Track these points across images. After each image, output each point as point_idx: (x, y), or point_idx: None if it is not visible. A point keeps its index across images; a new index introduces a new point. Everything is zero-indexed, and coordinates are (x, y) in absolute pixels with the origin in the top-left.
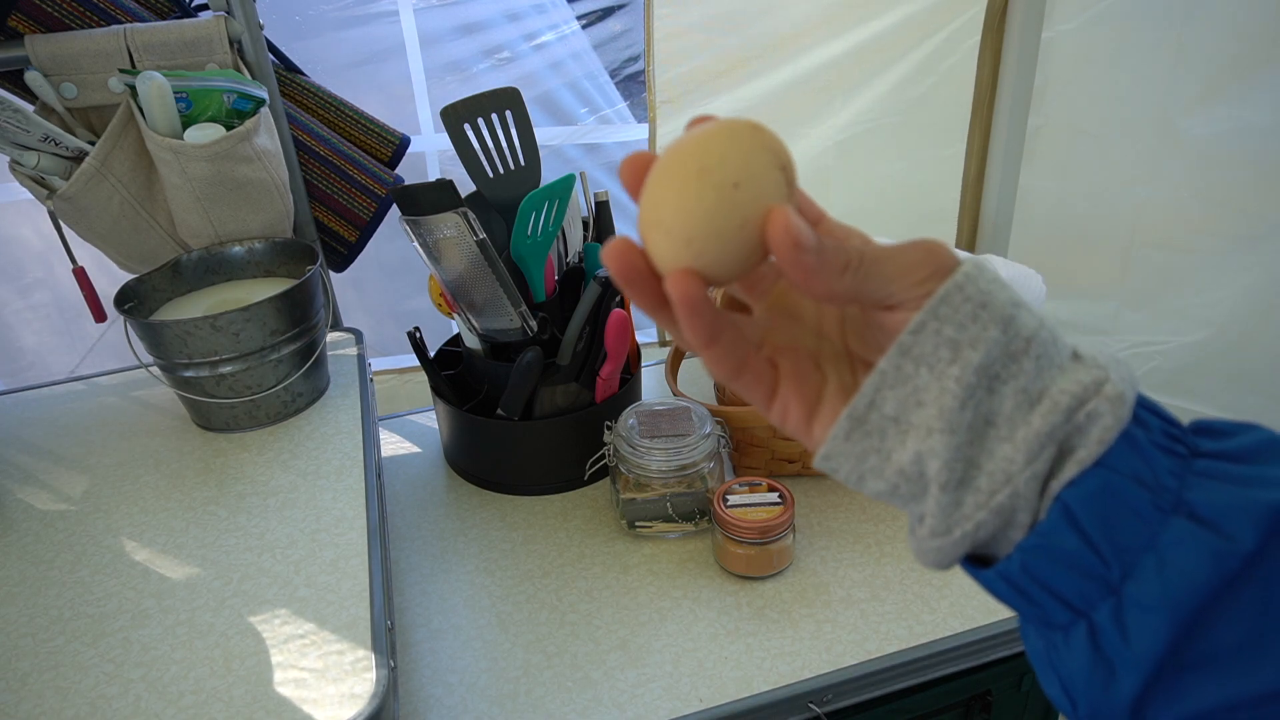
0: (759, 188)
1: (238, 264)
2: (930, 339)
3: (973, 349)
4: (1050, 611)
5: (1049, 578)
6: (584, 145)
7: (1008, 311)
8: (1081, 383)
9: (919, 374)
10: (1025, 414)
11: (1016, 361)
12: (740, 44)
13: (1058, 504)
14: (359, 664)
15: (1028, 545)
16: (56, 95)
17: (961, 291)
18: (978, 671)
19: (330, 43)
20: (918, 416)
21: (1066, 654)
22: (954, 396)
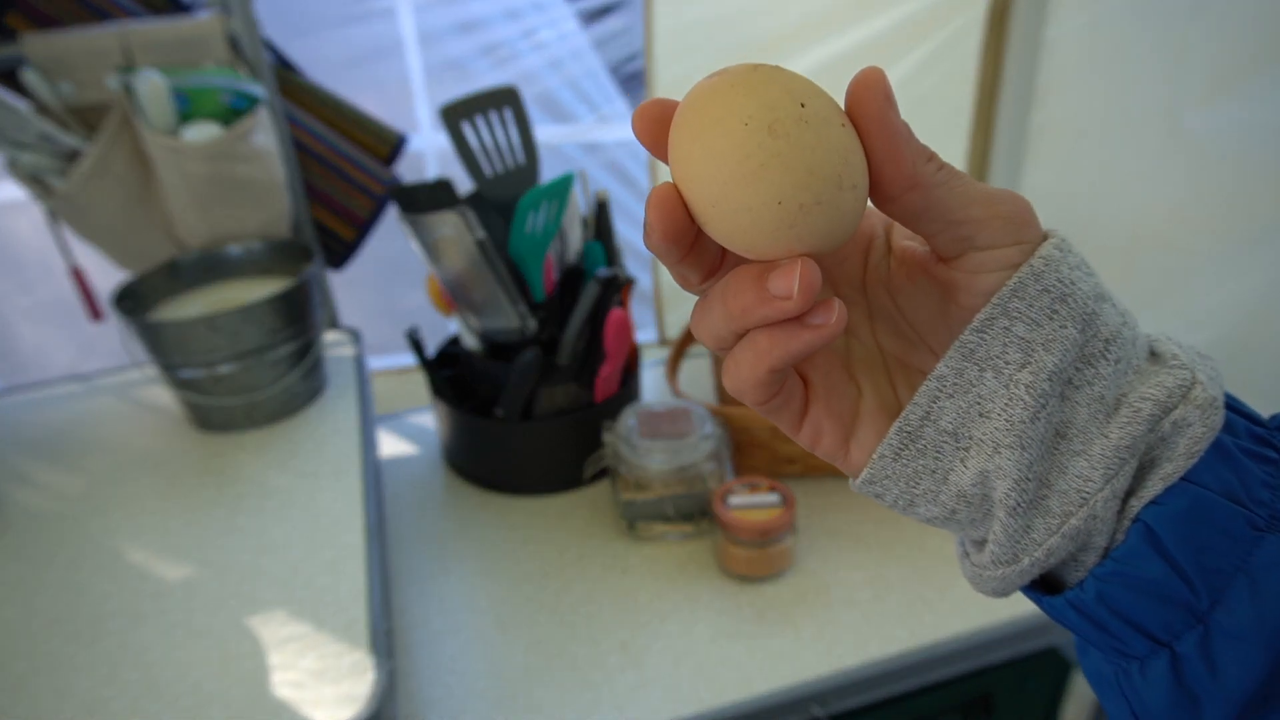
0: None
1: (235, 263)
2: (999, 337)
3: (1047, 351)
4: (1127, 642)
5: (1127, 607)
6: (583, 144)
7: (1089, 307)
8: (1166, 387)
9: (984, 380)
10: (1102, 425)
11: (1094, 365)
12: (740, 42)
13: (1139, 525)
14: (357, 665)
15: (1104, 573)
16: (53, 94)
17: (1040, 281)
18: (980, 673)
19: (328, 40)
20: (981, 430)
21: (1143, 685)
22: (1025, 407)
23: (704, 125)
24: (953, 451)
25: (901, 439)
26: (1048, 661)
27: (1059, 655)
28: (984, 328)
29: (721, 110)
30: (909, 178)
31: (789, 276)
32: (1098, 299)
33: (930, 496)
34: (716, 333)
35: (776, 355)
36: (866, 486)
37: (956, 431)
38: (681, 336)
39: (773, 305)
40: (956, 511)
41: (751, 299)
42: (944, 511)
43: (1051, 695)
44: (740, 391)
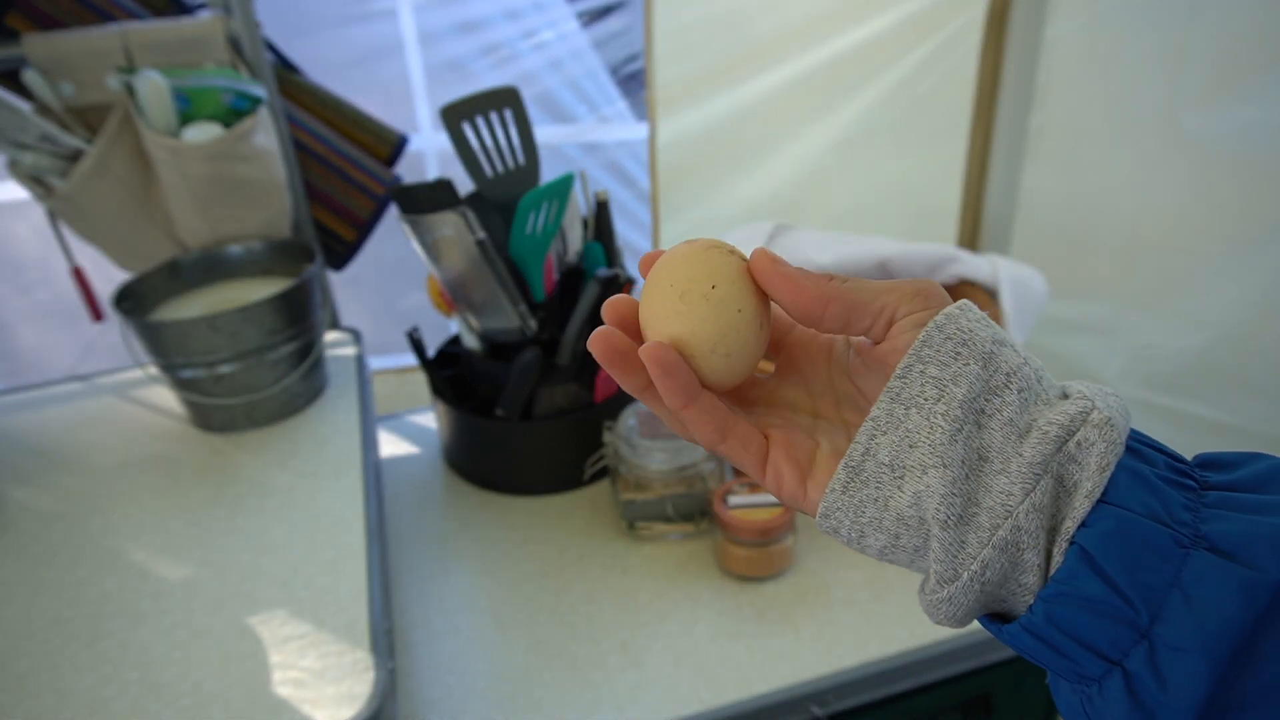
0: (733, 288)
1: (236, 263)
2: (916, 380)
3: (955, 384)
4: (1081, 663)
5: (1075, 627)
6: (583, 144)
7: (987, 348)
8: (1068, 413)
9: (909, 416)
10: (1016, 446)
11: (999, 395)
12: (740, 43)
13: (1074, 548)
14: (357, 665)
15: (1049, 594)
16: (54, 94)
17: (942, 331)
18: (979, 673)
19: (329, 41)
20: (911, 458)
21: (1103, 706)
22: (943, 431)
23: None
24: (890, 480)
25: (848, 474)
26: None
27: None
28: (905, 373)
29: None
30: (821, 297)
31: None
32: (996, 343)
33: (875, 524)
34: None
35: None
36: (824, 520)
37: (892, 463)
38: None
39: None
40: (899, 536)
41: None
42: (889, 538)
43: (1050, 695)
44: (690, 437)
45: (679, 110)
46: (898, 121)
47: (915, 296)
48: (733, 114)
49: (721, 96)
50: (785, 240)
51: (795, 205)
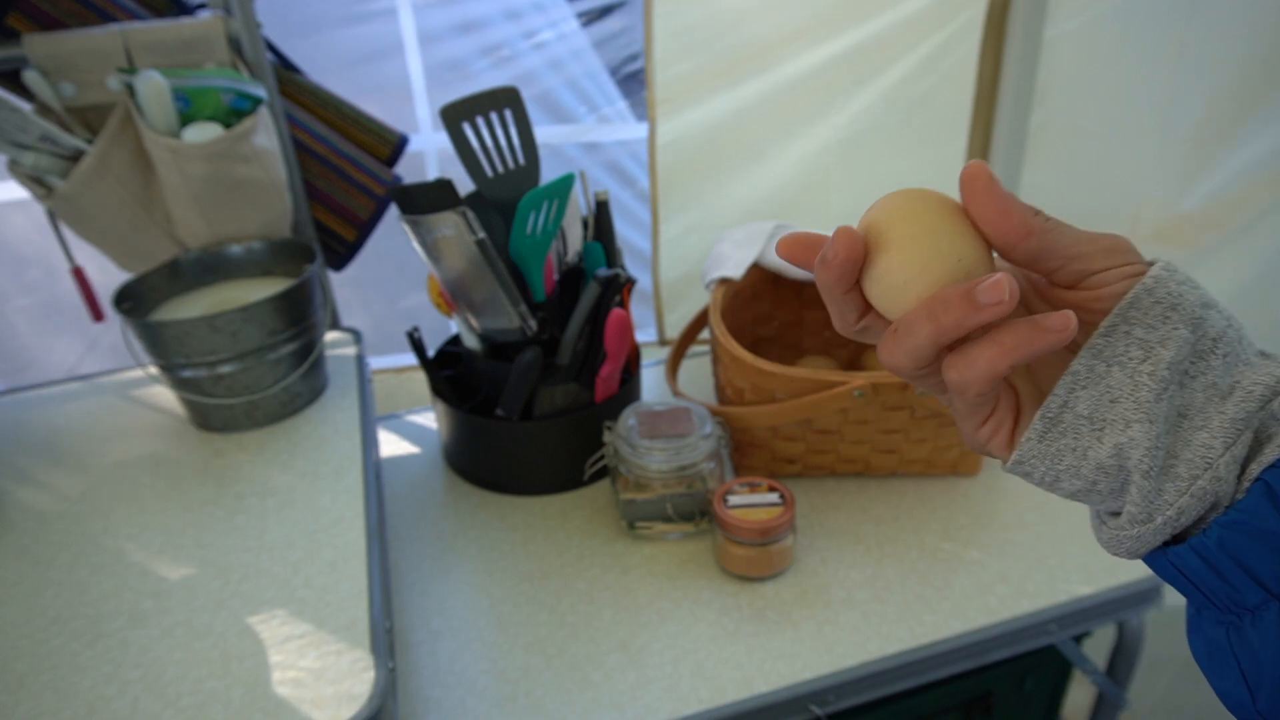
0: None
1: (236, 263)
2: (1121, 339)
3: (1163, 347)
4: (1242, 591)
5: (1245, 555)
6: (584, 144)
7: (1196, 313)
8: (1275, 375)
9: (1111, 373)
10: (1219, 405)
11: (1205, 359)
12: (740, 43)
13: (1259, 484)
14: (357, 665)
15: (1226, 520)
16: (54, 94)
17: (1151, 294)
18: (979, 673)
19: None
20: (1113, 412)
21: (1255, 636)
22: (1149, 390)
23: (918, 236)
24: (1089, 432)
25: (1045, 424)
26: (1047, 660)
27: (1058, 654)
28: (1109, 332)
29: (935, 232)
30: (1023, 228)
31: (999, 287)
32: (1204, 306)
33: (1073, 471)
34: (918, 351)
35: (1021, 352)
36: (1016, 467)
37: (1091, 415)
38: (681, 337)
39: (986, 311)
40: (1097, 483)
41: (963, 311)
42: (1085, 484)
43: (1051, 694)
44: (967, 384)
45: (679, 110)
46: (898, 121)
47: (1113, 252)
48: (733, 114)
49: (721, 96)
50: None
51: (795, 205)
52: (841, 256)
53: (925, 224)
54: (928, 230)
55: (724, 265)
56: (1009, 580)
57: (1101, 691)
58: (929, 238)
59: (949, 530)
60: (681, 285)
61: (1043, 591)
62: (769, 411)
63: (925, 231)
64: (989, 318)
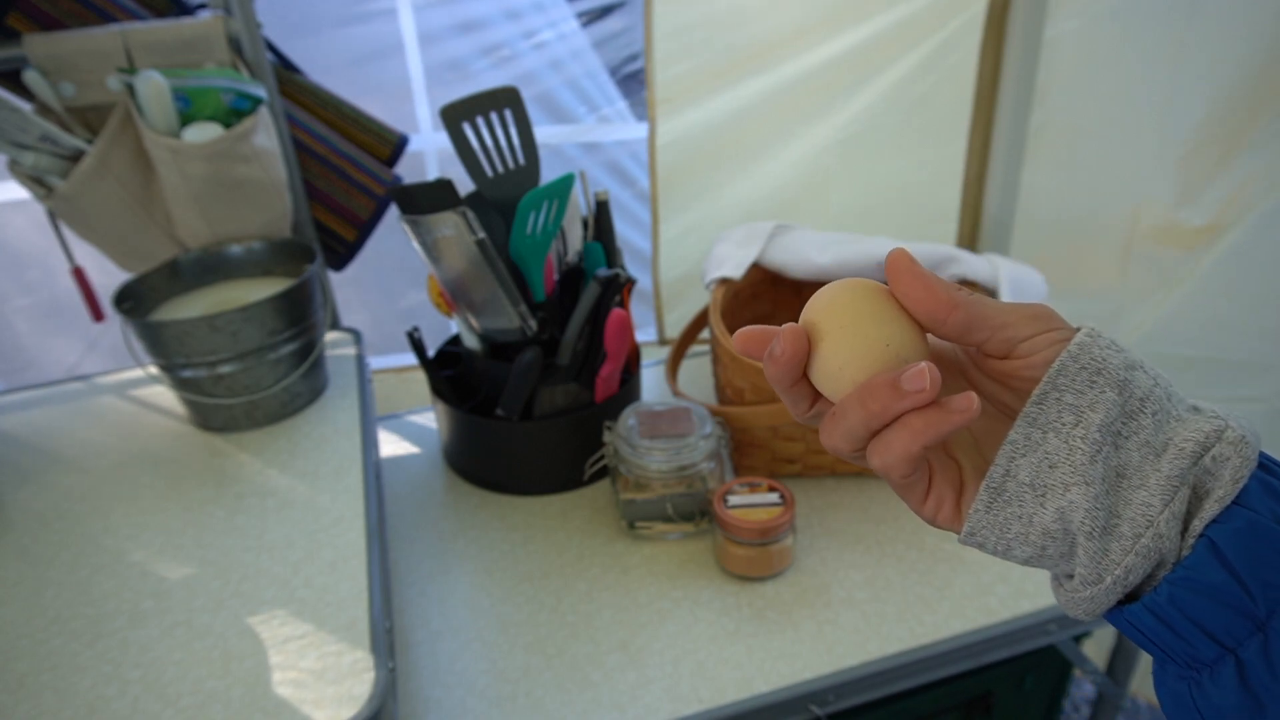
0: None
1: (236, 263)
2: (1053, 406)
3: (1092, 410)
4: (1197, 647)
5: (1196, 611)
6: (584, 144)
7: (1121, 375)
8: (1203, 430)
9: (1047, 439)
10: (1154, 463)
11: (1135, 419)
12: (740, 43)
13: (1204, 540)
14: (357, 665)
15: (1175, 578)
16: (55, 94)
17: (1076, 360)
18: (979, 673)
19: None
20: (1052, 477)
21: (1214, 692)
22: (1082, 453)
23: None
24: (1033, 498)
25: (990, 495)
26: (1047, 660)
27: (1058, 654)
28: (1041, 399)
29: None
30: (947, 303)
31: (921, 375)
32: (1128, 368)
33: (1021, 539)
34: (853, 434)
35: (930, 434)
36: (969, 539)
37: (1033, 482)
38: (681, 336)
39: (909, 398)
40: (1046, 548)
41: (889, 397)
42: (1036, 550)
43: (1051, 693)
44: (889, 467)
45: (679, 110)
46: (897, 121)
47: (1036, 319)
48: (732, 114)
49: (721, 96)
50: (785, 240)
51: (795, 205)
52: (788, 353)
53: (855, 313)
54: (857, 318)
55: (724, 265)
56: (1009, 580)
57: (1101, 691)
58: (859, 325)
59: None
60: (681, 285)
61: (1043, 591)
62: (769, 411)
63: (855, 320)
64: (913, 404)
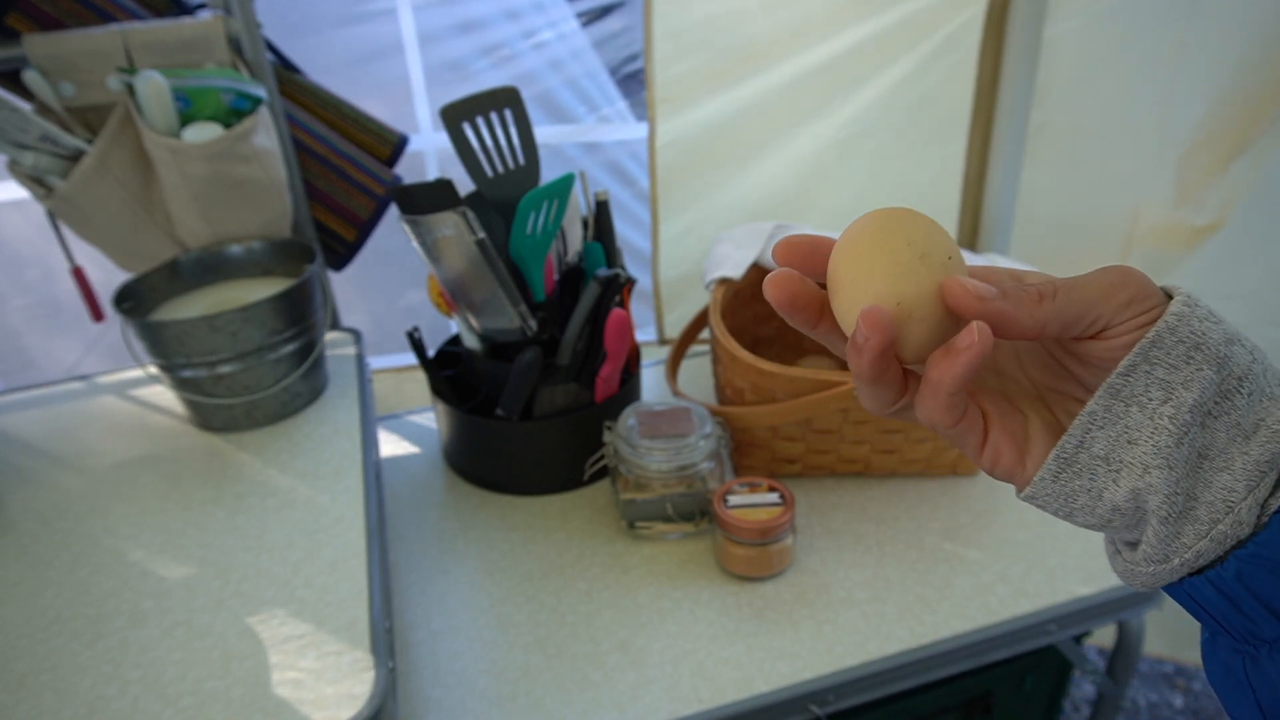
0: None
1: (236, 263)
2: (1141, 379)
3: (1186, 389)
4: (1260, 625)
5: (1264, 590)
6: (584, 144)
7: (1221, 351)
8: None
9: (1129, 414)
10: (1242, 445)
11: (1230, 399)
12: (740, 43)
13: (1278, 518)
14: (357, 665)
15: (1245, 554)
16: (54, 94)
17: (1174, 334)
18: (979, 673)
19: (328, 41)
20: (1130, 455)
21: (1272, 669)
22: (1169, 434)
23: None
24: (1106, 473)
25: (1059, 464)
26: (1047, 660)
27: (1058, 654)
28: (1128, 372)
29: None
30: (1036, 329)
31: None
32: (1228, 343)
33: (1087, 509)
34: (887, 397)
35: (946, 382)
36: (1029, 499)
37: (1108, 456)
38: (681, 336)
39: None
40: (1111, 521)
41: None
42: (1100, 521)
43: (1051, 693)
44: (932, 421)
45: (679, 110)
46: (898, 121)
47: (1131, 305)
48: (732, 114)
49: (721, 96)
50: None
51: (795, 205)
52: (780, 300)
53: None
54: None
55: (724, 265)
56: (1009, 580)
57: (1101, 691)
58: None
59: (949, 530)
60: (681, 285)
61: (1043, 591)
62: (769, 411)
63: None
64: (967, 360)
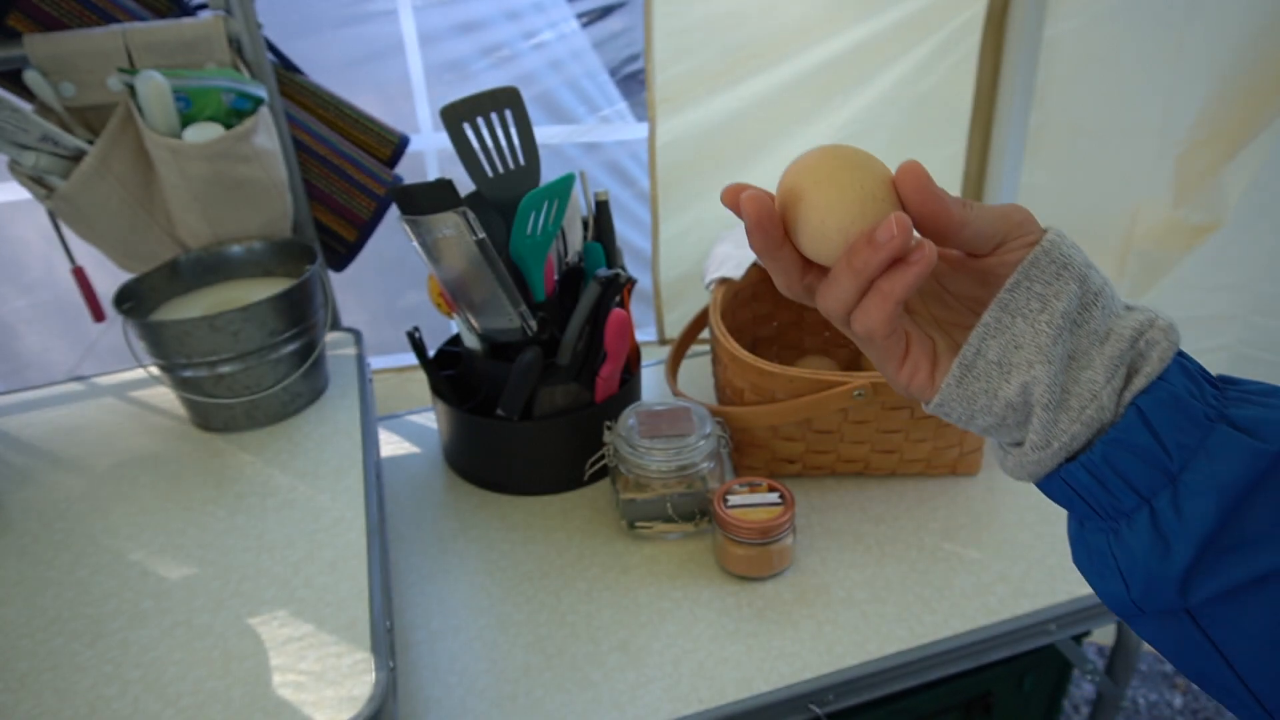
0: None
1: (236, 263)
2: (1024, 294)
3: (1058, 299)
4: (1121, 499)
5: (1123, 467)
6: (584, 144)
7: (1083, 271)
8: (1139, 320)
9: (1015, 324)
10: (1099, 347)
11: (1089, 310)
12: (740, 43)
13: (1133, 408)
14: (358, 666)
15: (1108, 439)
16: (55, 95)
17: (1048, 255)
18: (978, 672)
19: (329, 41)
20: (1018, 357)
21: (1130, 538)
22: (1047, 336)
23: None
24: (999, 375)
25: (961, 370)
26: (1047, 660)
27: (1058, 654)
28: (1013, 288)
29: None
30: (960, 221)
31: (889, 227)
32: (1087, 266)
33: (986, 410)
34: (844, 298)
35: (898, 289)
36: (937, 408)
37: (1000, 360)
38: (681, 336)
39: (884, 248)
40: (1005, 418)
41: (868, 253)
42: (996, 420)
43: (1051, 693)
44: (871, 329)
45: (679, 110)
46: (897, 121)
47: (1021, 226)
48: (732, 114)
49: (721, 96)
50: None
51: None
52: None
53: (828, 168)
54: (832, 172)
55: (724, 265)
56: (1009, 580)
57: (1101, 691)
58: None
59: (949, 530)
60: (681, 285)
61: (1043, 591)
62: (769, 411)
63: (830, 174)
64: (889, 253)
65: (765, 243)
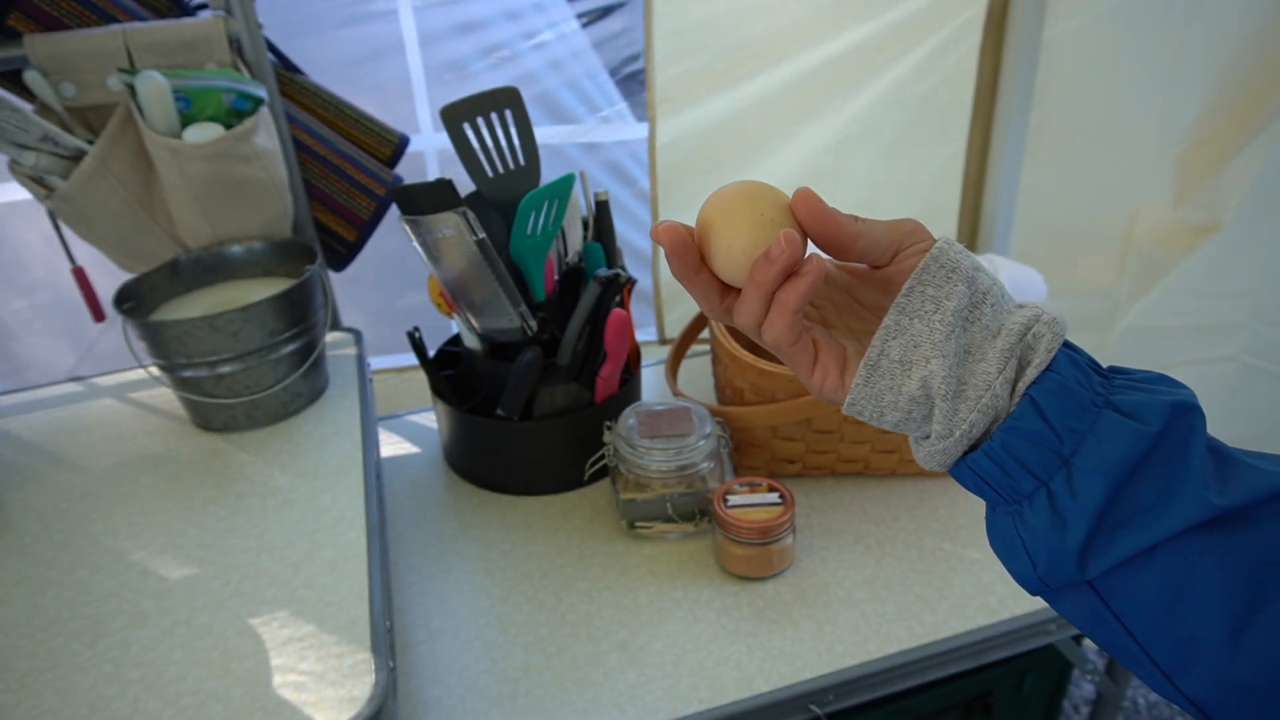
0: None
1: (236, 264)
2: (918, 297)
3: (948, 300)
4: (1020, 482)
5: (1020, 452)
6: (584, 144)
7: (970, 274)
8: (1026, 315)
9: (913, 325)
10: (991, 342)
11: (979, 308)
12: (740, 43)
13: (1026, 398)
14: (358, 666)
15: (1005, 427)
16: (55, 95)
17: (937, 260)
18: (978, 672)
19: (329, 41)
20: (916, 354)
21: (1031, 517)
22: (941, 333)
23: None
24: (901, 372)
25: (868, 370)
26: (1047, 660)
27: (1058, 653)
28: (908, 292)
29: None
30: (853, 234)
31: (779, 243)
32: (974, 269)
33: (893, 405)
34: (753, 311)
35: (793, 299)
36: (850, 407)
37: (902, 359)
38: (681, 336)
39: (777, 262)
40: (911, 412)
41: (765, 268)
42: (903, 414)
43: (1051, 693)
44: (777, 338)
45: (679, 110)
46: (898, 121)
47: (910, 234)
48: (732, 114)
49: (721, 96)
50: None
51: None
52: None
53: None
54: (736, 203)
55: None
56: (1009, 580)
57: (1101, 691)
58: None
59: (949, 530)
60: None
61: None
62: (769, 411)
63: (735, 205)
64: (782, 266)
65: (683, 268)
